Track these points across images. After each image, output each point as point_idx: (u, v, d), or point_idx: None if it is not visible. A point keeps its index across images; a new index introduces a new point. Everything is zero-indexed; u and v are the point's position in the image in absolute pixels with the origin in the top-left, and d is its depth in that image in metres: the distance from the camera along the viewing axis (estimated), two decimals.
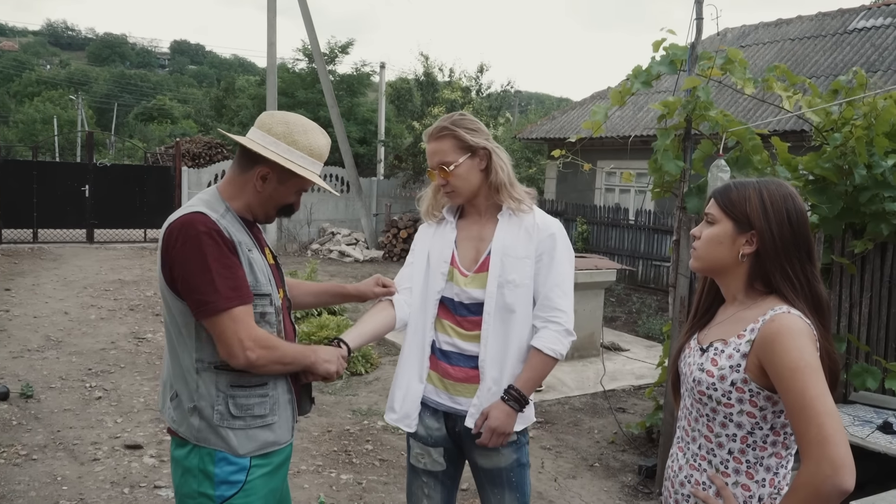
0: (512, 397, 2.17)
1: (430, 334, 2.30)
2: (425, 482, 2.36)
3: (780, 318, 1.52)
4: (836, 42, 12.52)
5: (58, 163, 22.21)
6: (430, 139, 2.29)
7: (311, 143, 1.99)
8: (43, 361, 6.35)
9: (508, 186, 2.27)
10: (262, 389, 1.93)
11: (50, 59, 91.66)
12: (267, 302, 1.94)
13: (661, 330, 7.69)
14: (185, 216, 1.84)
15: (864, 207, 4.08)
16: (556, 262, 2.23)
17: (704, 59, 4.06)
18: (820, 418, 1.40)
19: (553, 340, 2.19)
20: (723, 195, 1.66)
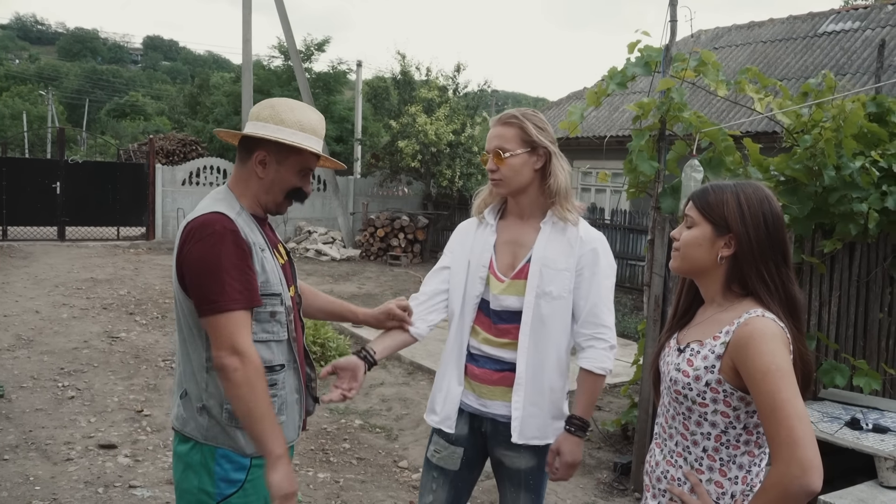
0: (577, 427, 2.19)
1: (468, 338, 2.30)
2: (435, 477, 2.38)
3: (754, 321, 1.55)
4: (807, 45, 12.74)
5: (28, 159, 21.89)
6: (495, 123, 2.27)
7: (300, 119, 1.98)
8: (14, 361, 6.25)
9: (563, 193, 2.23)
10: (271, 390, 1.91)
11: (19, 54, 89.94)
12: (277, 301, 1.95)
13: (636, 328, 7.77)
14: (205, 216, 1.86)
15: (833, 208, 4.17)
16: (598, 276, 2.21)
17: (678, 61, 4.13)
18: (790, 421, 1.43)
19: (601, 359, 2.19)
20: (701, 198, 1.69)
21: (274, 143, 1.95)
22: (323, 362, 6.41)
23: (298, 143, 1.95)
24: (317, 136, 2.03)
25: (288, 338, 2.00)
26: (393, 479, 4.29)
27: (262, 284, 1.90)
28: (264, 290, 1.91)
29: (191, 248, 1.83)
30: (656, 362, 1.83)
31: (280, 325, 1.96)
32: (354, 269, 13.82)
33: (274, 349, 1.96)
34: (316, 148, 2.00)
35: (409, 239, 15.35)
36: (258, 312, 1.90)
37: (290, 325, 2.00)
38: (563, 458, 2.17)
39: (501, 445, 2.26)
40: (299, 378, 2.06)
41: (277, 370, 1.96)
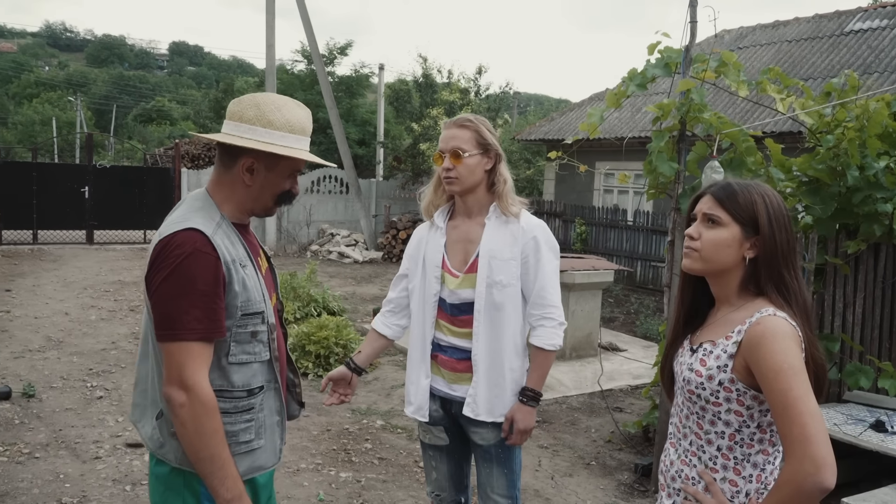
0: (529, 397, 2.41)
1: (431, 334, 2.50)
2: (432, 455, 2.64)
3: (766, 320, 1.56)
4: (833, 44, 12.58)
5: (57, 164, 22.25)
6: (451, 126, 2.43)
7: (289, 119, 1.85)
8: (44, 361, 6.39)
9: (507, 192, 2.43)
10: (248, 414, 1.83)
11: (48, 61, 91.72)
12: (259, 320, 1.83)
13: (658, 330, 7.74)
14: (178, 234, 1.72)
15: (857, 208, 4.14)
16: (541, 262, 2.40)
17: (699, 62, 4.11)
18: (802, 418, 1.44)
19: (550, 336, 2.40)
20: (730, 198, 1.65)
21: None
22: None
23: (291, 153, 1.82)
24: (305, 135, 1.91)
25: (270, 357, 1.88)
26: (414, 478, 4.32)
27: (242, 304, 1.78)
28: (245, 310, 1.79)
29: (158, 268, 1.71)
30: (669, 364, 1.84)
31: (262, 345, 1.85)
32: (377, 270, 13.89)
33: (255, 370, 1.85)
34: (306, 151, 1.88)
35: None
36: (238, 333, 1.79)
37: (272, 344, 1.88)
38: (517, 426, 2.39)
39: (471, 424, 2.46)
40: (280, 399, 1.94)
41: (256, 393, 1.85)
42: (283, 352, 2.01)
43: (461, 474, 2.65)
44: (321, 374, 6.32)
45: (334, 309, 8.68)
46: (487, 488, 2.51)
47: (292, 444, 4.74)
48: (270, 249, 15.75)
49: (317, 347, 6.38)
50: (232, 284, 1.76)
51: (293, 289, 8.56)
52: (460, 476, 2.65)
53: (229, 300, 1.76)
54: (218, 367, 1.78)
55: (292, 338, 6.56)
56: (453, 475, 2.63)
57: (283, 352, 2.01)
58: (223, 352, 1.78)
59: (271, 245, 15.95)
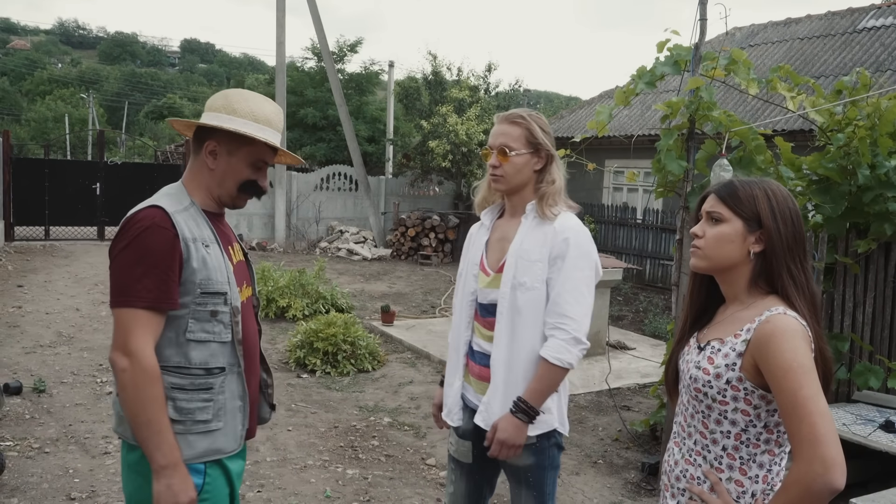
0: (520, 409, 2.16)
1: (467, 335, 2.37)
2: (454, 469, 2.47)
3: (776, 318, 1.55)
4: (846, 41, 12.48)
5: (69, 161, 22.39)
6: (502, 121, 2.31)
7: (253, 110, 1.91)
8: (55, 357, 6.45)
9: (554, 195, 2.28)
10: (206, 394, 1.84)
11: (61, 58, 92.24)
12: (220, 301, 1.85)
13: (667, 329, 7.71)
14: (141, 210, 1.82)
15: (868, 207, 4.11)
16: (567, 266, 2.19)
17: (708, 60, 4.09)
18: (812, 418, 1.43)
19: (559, 349, 2.15)
20: (729, 193, 1.66)
21: (224, 132, 1.89)
22: (353, 361, 6.49)
23: (247, 132, 1.87)
24: (271, 127, 1.94)
25: (232, 340, 1.89)
26: (420, 476, 4.33)
27: (202, 281, 1.82)
28: (205, 288, 1.82)
29: (117, 240, 1.79)
30: (674, 362, 1.83)
31: (223, 326, 1.86)
32: (385, 268, 13.91)
33: (214, 350, 1.86)
34: (269, 139, 1.92)
35: (440, 238, 15.40)
36: (197, 311, 1.82)
37: (235, 327, 1.89)
38: (497, 435, 2.17)
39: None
40: (243, 384, 1.93)
41: (216, 373, 1.86)
42: (255, 346, 2.03)
43: (478, 496, 2.45)
44: (329, 372, 6.34)
45: (343, 306, 8.70)
46: None
47: (299, 440, 4.76)
48: (280, 246, 15.80)
49: (325, 345, 6.40)
50: (190, 261, 1.80)
51: (302, 286, 8.59)
52: (476, 498, 2.46)
53: (187, 276, 1.81)
54: (176, 342, 1.82)
55: (300, 335, 6.58)
56: (469, 495, 2.44)
57: (255, 346, 2.03)
58: (182, 328, 1.82)
59: (280, 242, 15.99)
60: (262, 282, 8.51)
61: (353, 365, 6.49)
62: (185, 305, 1.81)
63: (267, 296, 8.38)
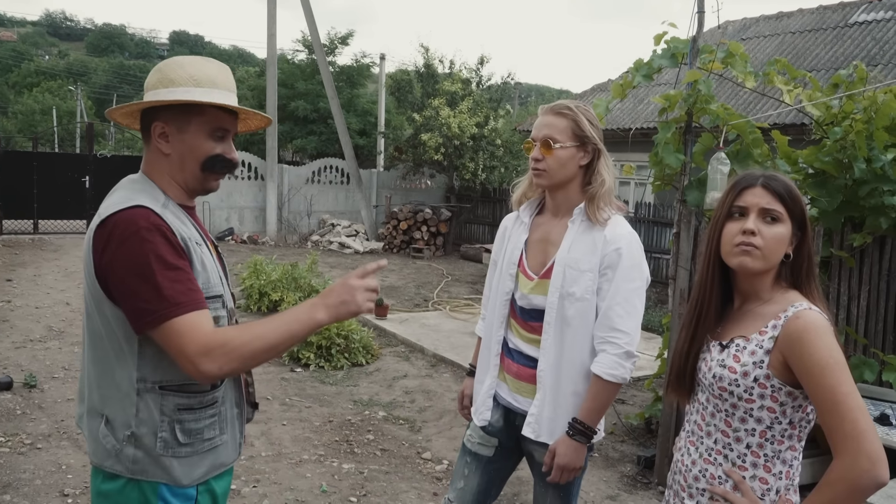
0: (577, 431, 2.12)
1: (501, 333, 2.30)
2: (468, 462, 2.39)
3: (805, 314, 1.53)
4: (837, 35, 12.51)
5: (58, 154, 22.19)
6: (547, 112, 2.21)
7: (192, 74, 1.67)
8: (45, 352, 6.38)
9: (604, 194, 2.17)
10: (212, 409, 1.69)
11: (48, 50, 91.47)
12: (219, 304, 1.70)
13: (660, 322, 7.72)
14: (125, 211, 1.56)
15: (864, 201, 4.11)
16: (618, 278, 2.12)
17: (706, 53, 4.08)
18: (853, 413, 1.42)
19: (611, 365, 2.09)
20: (788, 194, 1.60)
21: (169, 109, 1.65)
22: (347, 354, 6.46)
23: (190, 99, 1.63)
24: (218, 87, 1.69)
25: None
26: (416, 470, 4.31)
27: (202, 285, 1.62)
28: (207, 293, 1.63)
29: (114, 251, 1.53)
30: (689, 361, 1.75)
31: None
32: (377, 261, 13.82)
33: None
34: (218, 100, 1.67)
35: (432, 232, 15.37)
36: None
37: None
38: (557, 461, 2.13)
39: (531, 441, 2.24)
40: (241, 389, 1.81)
41: (219, 384, 1.70)
42: None
43: (488, 492, 2.41)
44: (322, 366, 6.32)
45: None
46: None
47: (294, 434, 4.74)
48: (271, 240, 15.73)
49: (318, 338, 6.37)
50: (192, 263, 1.62)
51: (294, 279, 8.54)
52: (486, 494, 2.41)
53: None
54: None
55: None
56: (481, 491, 2.38)
57: None
58: None
59: (272, 235, 15.91)
60: (255, 275, 8.47)
61: (346, 359, 6.47)
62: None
63: (259, 289, 8.33)
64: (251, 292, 8.36)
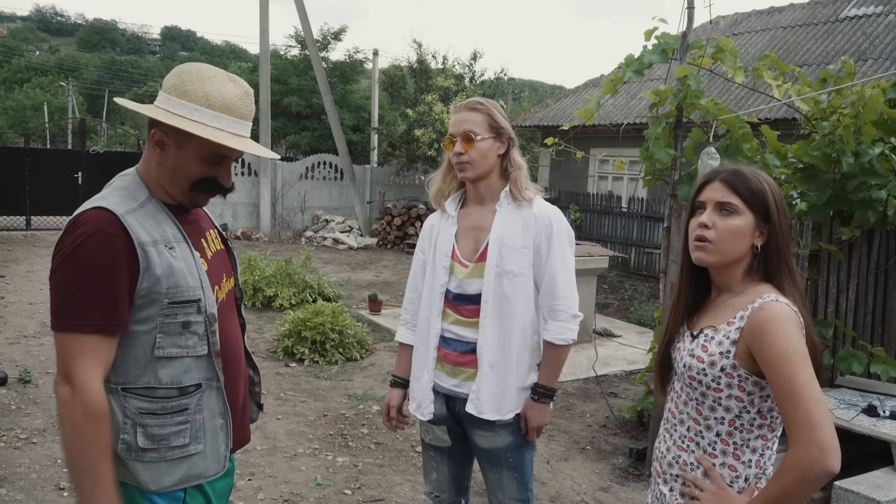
0: (541, 394, 2.29)
1: (437, 327, 2.35)
2: (433, 456, 2.50)
3: (769, 305, 1.55)
4: (828, 30, 12.57)
5: (50, 150, 22.13)
6: (462, 109, 2.32)
7: (209, 92, 1.59)
8: (40, 347, 6.39)
9: (524, 178, 2.32)
10: (180, 416, 1.62)
11: (39, 45, 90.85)
12: (193, 310, 1.62)
13: (652, 316, 7.78)
14: (86, 212, 1.55)
15: (852, 195, 4.15)
16: (553, 249, 2.26)
17: (695, 48, 4.11)
18: (808, 404, 1.44)
19: (560, 330, 2.27)
20: (743, 184, 1.62)
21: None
22: (341, 349, 6.49)
23: (192, 130, 1.56)
24: (231, 114, 1.62)
25: (209, 352, 1.66)
26: (410, 463, 4.35)
27: (169, 290, 1.57)
28: (174, 298, 1.58)
29: (59, 247, 1.53)
30: (664, 351, 1.81)
31: (197, 338, 1.64)
32: (371, 257, 13.89)
33: (188, 366, 1.63)
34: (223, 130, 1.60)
35: None
36: (166, 324, 1.59)
37: (211, 338, 1.66)
38: (531, 423, 2.29)
39: (475, 426, 2.32)
40: (224, 399, 1.71)
41: (191, 392, 1.64)
42: (238, 346, 1.83)
43: (462, 476, 2.53)
44: (317, 360, 6.34)
45: (329, 295, 8.69)
46: (498, 492, 2.38)
47: (289, 429, 4.77)
48: (265, 236, 15.72)
49: (313, 333, 6.40)
50: (152, 268, 1.55)
51: (288, 275, 8.57)
52: (461, 478, 2.53)
53: (149, 286, 1.56)
54: (144, 362, 1.59)
55: (288, 324, 6.57)
56: (455, 477, 2.50)
57: (238, 346, 1.83)
58: (149, 345, 1.59)
59: (265, 231, 15.91)
60: (249, 271, 8.48)
61: (341, 354, 6.50)
62: (150, 318, 1.58)
63: (254, 285, 8.35)
64: (245, 288, 8.37)
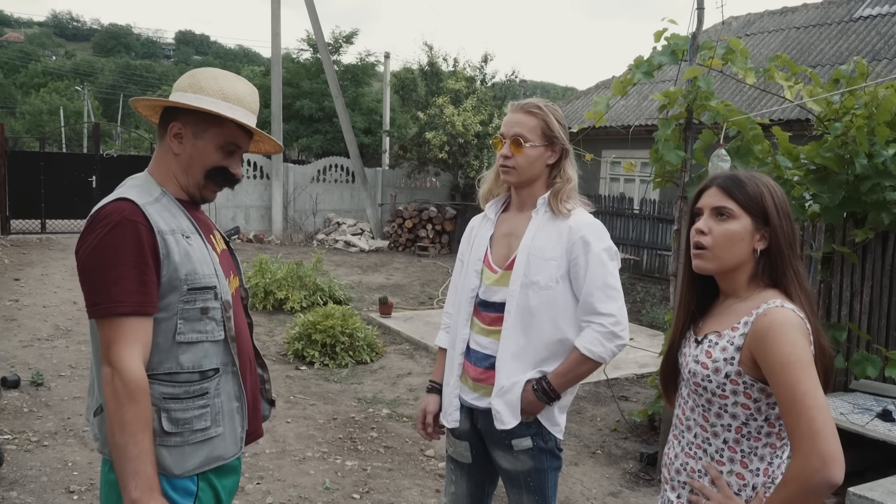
0: (541, 388, 2.12)
1: (465, 332, 2.27)
2: (453, 469, 2.41)
3: (773, 311, 1.53)
4: (842, 30, 12.46)
5: (65, 154, 22.34)
6: (518, 110, 2.21)
7: (223, 87, 1.75)
8: (53, 350, 6.44)
9: (569, 190, 2.20)
10: (202, 400, 1.70)
11: (55, 50, 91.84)
12: (210, 296, 1.71)
13: (664, 319, 7.73)
14: (109, 204, 1.65)
15: (865, 196, 4.11)
16: (591, 264, 2.11)
17: (705, 49, 4.08)
18: (810, 412, 1.41)
19: (592, 341, 2.09)
20: (738, 188, 1.60)
21: (190, 113, 1.73)
22: (351, 352, 6.49)
23: (214, 110, 1.70)
24: (243, 107, 1.77)
25: (225, 337, 1.74)
26: (419, 467, 4.34)
27: (187, 277, 1.66)
28: (192, 284, 1.67)
29: (85, 240, 1.62)
30: (671, 356, 1.79)
31: (215, 323, 1.72)
32: (383, 259, 13.90)
33: (207, 350, 1.71)
34: (239, 118, 1.75)
35: (437, 230, 15.39)
36: (186, 310, 1.67)
37: (227, 323, 1.75)
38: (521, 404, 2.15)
39: (496, 445, 2.22)
40: (239, 383, 1.80)
41: (210, 375, 1.72)
42: (249, 343, 1.91)
43: (481, 494, 2.41)
44: (327, 363, 6.34)
45: (340, 298, 8.70)
46: None
47: (298, 432, 4.77)
48: (277, 238, 15.78)
49: (323, 336, 6.40)
50: (171, 255, 1.64)
51: (299, 277, 8.58)
52: (479, 496, 2.41)
53: (170, 273, 1.64)
54: (165, 347, 1.66)
55: (298, 327, 6.58)
56: (472, 494, 2.39)
57: (249, 343, 1.91)
58: (171, 331, 1.66)
59: (277, 234, 15.96)
60: (260, 274, 8.50)
61: (351, 357, 6.50)
62: (171, 306, 1.65)
63: (265, 288, 8.37)
64: (256, 291, 8.40)
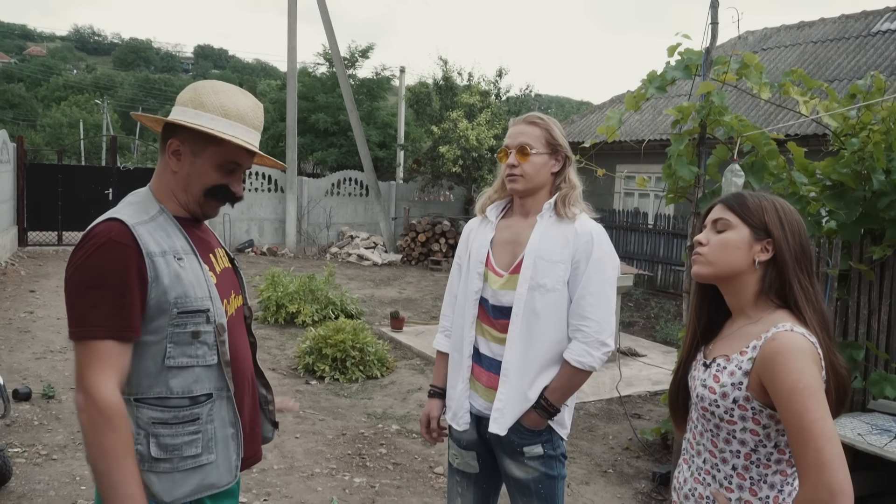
0: (541, 406, 2.17)
1: (472, 334, 2.28)
2: (458, 481, 2.40)
3: (782, 336, 1.49)
4: (860, 45, 12.36)
5: (82, 166, 22.54)
6: (520, 122, 2.28)
7: (224, 103, 1.70)
8: (65, 363, 6.46)
9: (574, 196, 2.25)
10: (192, 426, 1.65)
11: (76, 64, 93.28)
12: (202, 319, 1.66)
13: (678, 336, 7.64)
14: (99, 224, 1.62)
15: (883, 213, 4.03)
16: (590, 269, 2.16)
17: (719, 64, 4.04)
18: (818, 442, 1.38)
19: (580, 352, 2.14)
20: (738, 202, 1.63)
21: (189, 129, 1.67)
22: (362, 367, 6.46)
23: (209, 129, 1.65)
24: (245, 123, 1.72)
25: (218, 362, 1.70)
26: (428, 484, 4.29)
27: (177, 300, 1.61)
28: (182, 307, 1.62)
29: (71, 259, 1.60)
30: (682, 378, 1.77)
31: (207, 348, 1.67)
32: (395, 273, 13.89)
33: (199, 375, 1.67)
34: (239, 137, 1.69)
35: (451, 244, 15.37)
36: (176, 334, 1.62)
37: (221, 347, 1.70)
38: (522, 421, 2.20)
39: (505, 454, 2.24)
40: (234, 409, 1.75)
41: (202, 401, 1.67)
42: (247, 363, 1.86)
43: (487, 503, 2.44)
44: (337, 378, 6.32)
45: (352, 312, 8.69)
46: None
47: (307, 447, 4.74)
48: (290, 251, 15.82)
49: (333, 350, 6.38)
50: (160, 278, 1.60)
51: (311, 291, 8.58)
52: None
53: (158, 296, 1.60)
54: (155, 371, 1.63)
55: (309, 341, 6.56)
56: None
57: (247, 363, 1.86)
58: (160, 355, 1.63)
59: (291, 247, 16.01)
60: (272, 288, 8.52)
61: (361, 371, 6.47)
62: (160, 329, 1.61)
63: (277, 301, 8.38)
64: (268, 304, 8.41)
